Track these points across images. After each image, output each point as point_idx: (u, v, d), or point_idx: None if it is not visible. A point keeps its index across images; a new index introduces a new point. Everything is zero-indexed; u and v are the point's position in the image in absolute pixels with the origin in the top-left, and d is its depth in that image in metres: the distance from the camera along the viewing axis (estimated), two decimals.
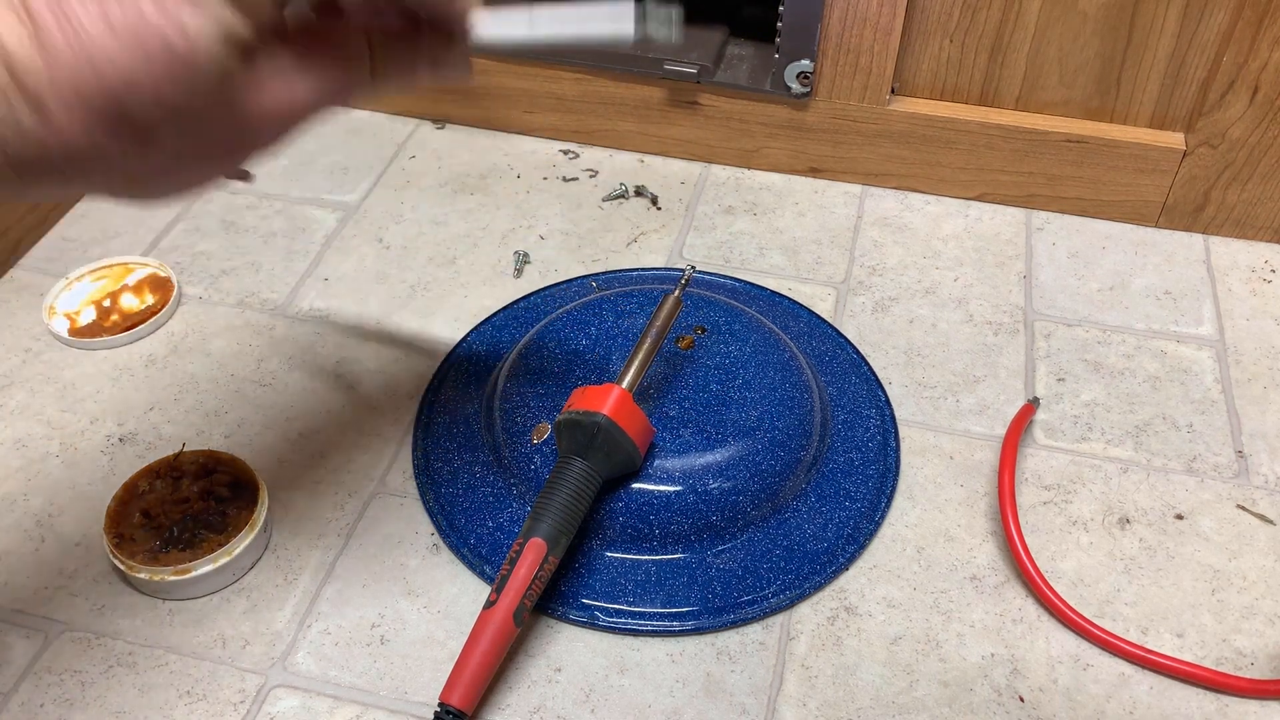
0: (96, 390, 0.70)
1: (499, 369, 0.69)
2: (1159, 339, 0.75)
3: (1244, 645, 0.58)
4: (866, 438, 0.67)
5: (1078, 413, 0.70)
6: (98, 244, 0.81)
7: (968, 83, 0.81)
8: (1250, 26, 0.73)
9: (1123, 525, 0.63)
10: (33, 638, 0.57)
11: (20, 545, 0.62)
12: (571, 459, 0.57)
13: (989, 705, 0.55)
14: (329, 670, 0.56)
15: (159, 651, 0.57)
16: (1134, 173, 0.81)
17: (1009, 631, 0.58)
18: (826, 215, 0.84)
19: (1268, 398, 0.71)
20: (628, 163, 0.89)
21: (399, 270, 0.79)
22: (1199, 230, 0.83)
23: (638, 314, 0.69)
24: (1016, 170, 0.83)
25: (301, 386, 0.71)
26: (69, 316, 0.74)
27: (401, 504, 0.64)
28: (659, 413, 0.63)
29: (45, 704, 0.55)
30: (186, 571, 0.58)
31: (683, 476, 0.61)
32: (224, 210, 0.84)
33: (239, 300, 0.77)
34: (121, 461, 0.66)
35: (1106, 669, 0.57)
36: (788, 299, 0.77)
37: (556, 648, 0.57)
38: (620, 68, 0.85)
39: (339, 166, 0.88)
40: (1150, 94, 0.79)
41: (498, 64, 0.88)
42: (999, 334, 0.75)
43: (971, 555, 0.62)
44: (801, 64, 0.81)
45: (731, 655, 0.57)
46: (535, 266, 0.80)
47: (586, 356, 0.67)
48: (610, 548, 0.61)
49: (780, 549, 0.61)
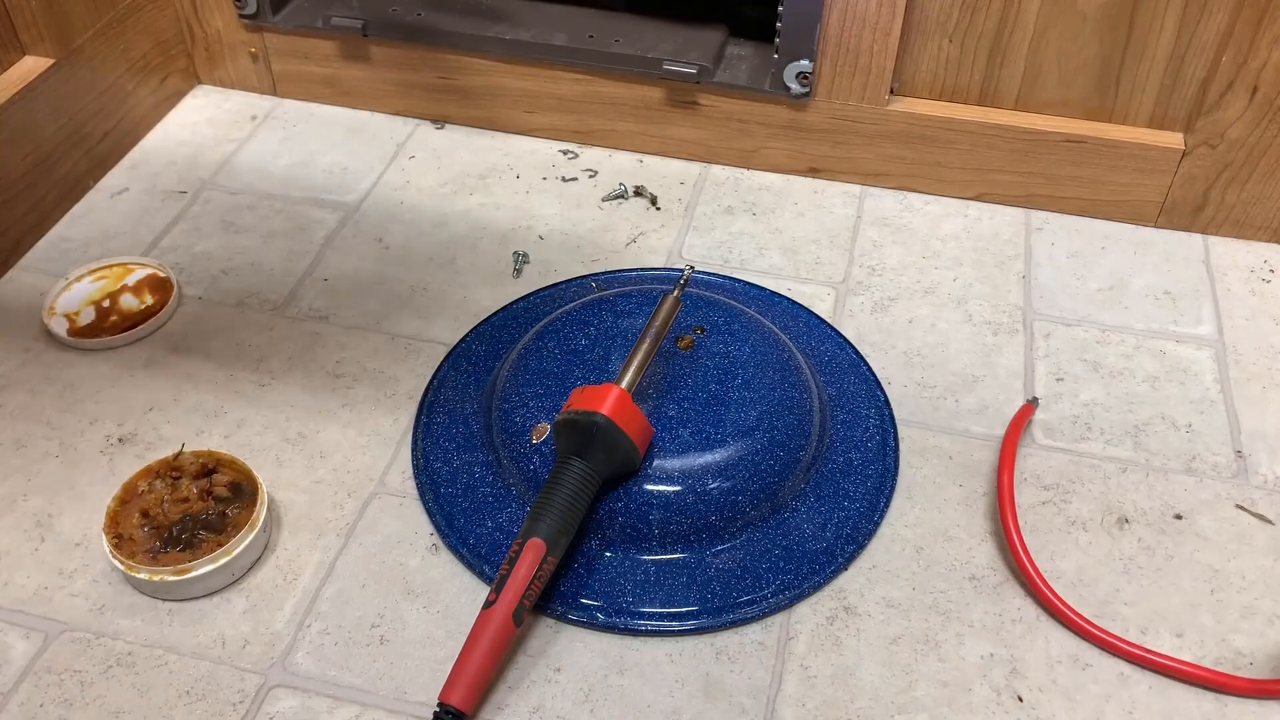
0: (96, 390, 0.70)
1: (499, 369, 0.69)
2: (1158, 339, 0.75)
3: (1243, 645, 0.58)
4: (866, 438, 0.67)
5: (1077, 413, 0.70)
6: (97, 244, 0.81)
7: (967, 83, 0.81)
8: (1249, 26, 0.73)
9: (1122, 525, 0.63)
10: (33, 638, 0.57)
11: (20, 545, 0.62)
12: (570, 459, 0.57)
13: (988, 705, 0.55)
14: (329, 670, 0.56)
15: (159, 651, 0.57)
16: (1133, 173, 0.81)
17: (1008, 631, 0.58)
18: (826, 215, 0.84)
19: (1267, 398, 0.71)
20: (627, 163, 0.89)
21: (399, 270, 0.79)
22: (1198, 230, 0.83)
23: (637, 314, 0.69)
24: (1016, 170, 0.83)
25: (301, 386, 0.71)
26: (69, 317, 0.74)
27: (401, 504, 0.64)
28: (658, 413, 0.63)
29: (45, 704, 0.55)
30: (186, 571, 0.58)
31: (682, 476, 0.61)
32: (224, 210, 0.84)
33: (239, 300, 0.77)
34: (121, 461, 0.66)
35: (1106, 669, 0.57)
36: (787, 299, 0.77)
37: (556, 648, 0.57)
38: (620, 68, 0.85)
39: (339, 166, 0.89)
40: (1149, 94, 0.79)
41: (498, 64, 0.88)
42: (998, 334, 0.75)
43: (971, 555, 0.62)
44: (801, 64, 0.81)
45: (731, 655, 0.57)
46: (535, 266, 0.80)
47: (586, 356, 0.67)
48: (610, 548, 0.61)
49: (779, 549, 0.61)
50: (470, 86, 0.90)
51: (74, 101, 0.83)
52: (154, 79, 0.91)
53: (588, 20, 0.88)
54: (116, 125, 0.88)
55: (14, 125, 0.78)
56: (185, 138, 0.91)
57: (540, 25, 0.88)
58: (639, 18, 0.89)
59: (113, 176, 0.87)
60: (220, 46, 0.94)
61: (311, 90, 0.94)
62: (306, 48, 0.92)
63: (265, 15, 0.90)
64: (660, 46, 0.85)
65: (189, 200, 0.85)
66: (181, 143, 0.91)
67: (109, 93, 0.86)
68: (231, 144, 0.91)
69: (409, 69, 0.90)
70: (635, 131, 0.89)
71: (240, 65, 0.94)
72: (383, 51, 0.90)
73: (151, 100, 0.92)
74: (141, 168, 0.88)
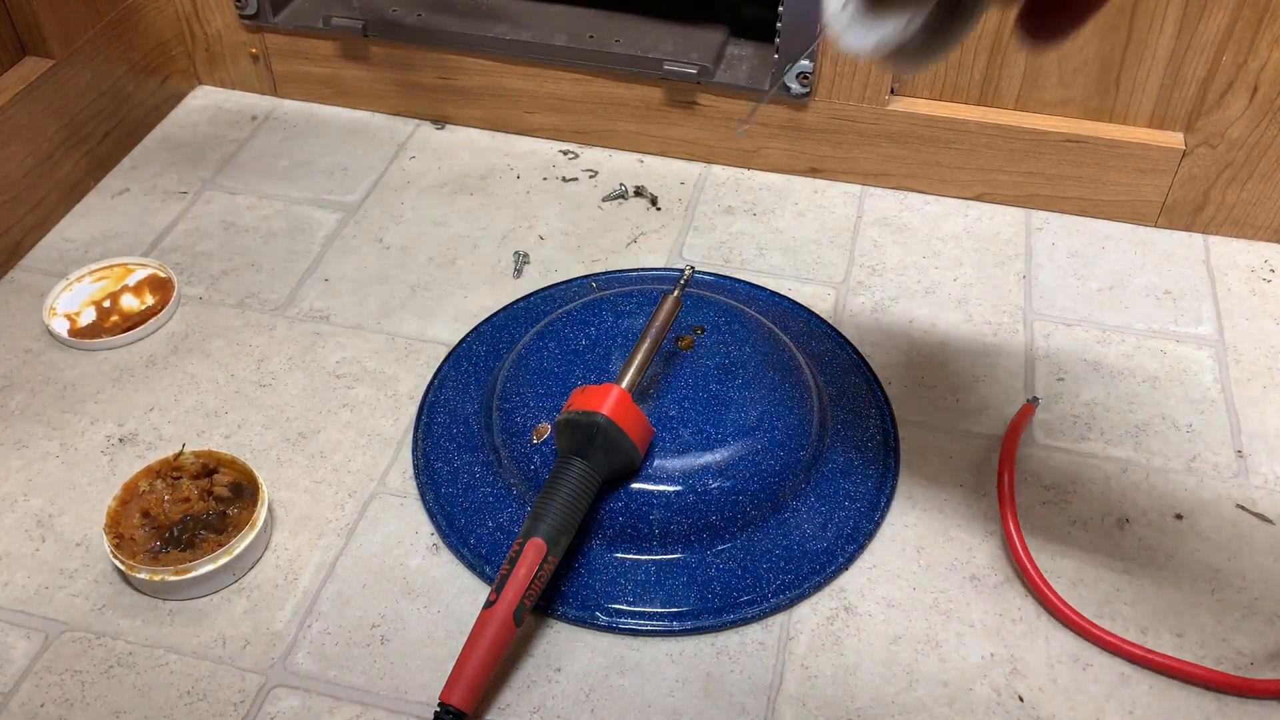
0: (97, 390, 0.70)
1: (499, 369, 0.69)
2: (1158, 339, 0.75)
3: (1243, 645, 0.58)
4: (866, 438, 0.67)
5: (1077, 412, 0.70)
6: (98, 245, 0.81)
7: (967, 82, 0.81)
8: (1250, 26, 0.73)
9: (1122, 525, 0.63)
10: (33, 638, 0.57)
11: (20, 545, 0.62)
12: (571, 459, 0.57)
13: (989, 705, 0.55)
14: (329, 670, 0.56)
15: (159, 651, 0.57)
16: (1134, 172, 0.81)
17: (1008, 631, 0.58)
18: (826, 215, 0.84)
19: (1267, 398, 0.71)
20: (627, 163, 0.89)
21: (399, 270, 0.79)
22: (1198, 230, 0.83)
23: (637, 314, 0.69)
24: (1016, 170, 0.83)
25: (301, 386, 0.71)
26: (69, 317, 0.74)
27: (401, 504, 0.64)
28: (659, 413, 0.63)
29: (45, 704, 0.55)
30: (186, 571, 0.58)
31: (682, 476, 0.61)
32: (224, 210, 0.84)
33: (239, 300, 0.77)
34: (121, 461, 0.66)
35: (1106, 669, 0.57)
36: (787, 299, 0.77)
37: (556, 648, 0.57)
38: (620, 68, 0.85)
39: (339, 167, 0.89)
40: (1150, 94, 0.79)
41: (498, 64, 0.88)
42: (999, 334, 0.75)
43: (971, 555, 0.62)
44: (801, 64, 0.81)
45: (731, 655, 0.57)
46: (535, 266, 0.80)
47: (586, 356, 0.67)
48: (610, 548, 0.61)
49: (780, 549, 0.61)
50: (470, 86, 0.90)
51: (75, 102, 0.83)
52: (154, 79, 0.91)
53: (588, 20, 0.89)
54: (117, 126, 0.88)
55: (15, 125, 0.78)
56: (186, 138, 0.91)
57: (540, 25, 0.88)
58: (639, 18, 0.89)
59: (113, 177, 0.87)
60: (221, 47, 0.94)
61: (312, 90, 0.94)
62: (307, 48, 0.92)
63: (266, 16, 0.90)
64: (660, 46, 0.85)
65: (190, 200, 0.85)
66: (182, 143, 0.91)
67: (110, 93, 0.86)
68: (232, 144, 0.91)
69: (409, 69, 0.90)
70: (635, 131, 0.89)
71: (241, 66, 0.95)
72: (383, 52, 0.90)
73: (152, 101, 0.92)
74: (142, 168, 0.88)
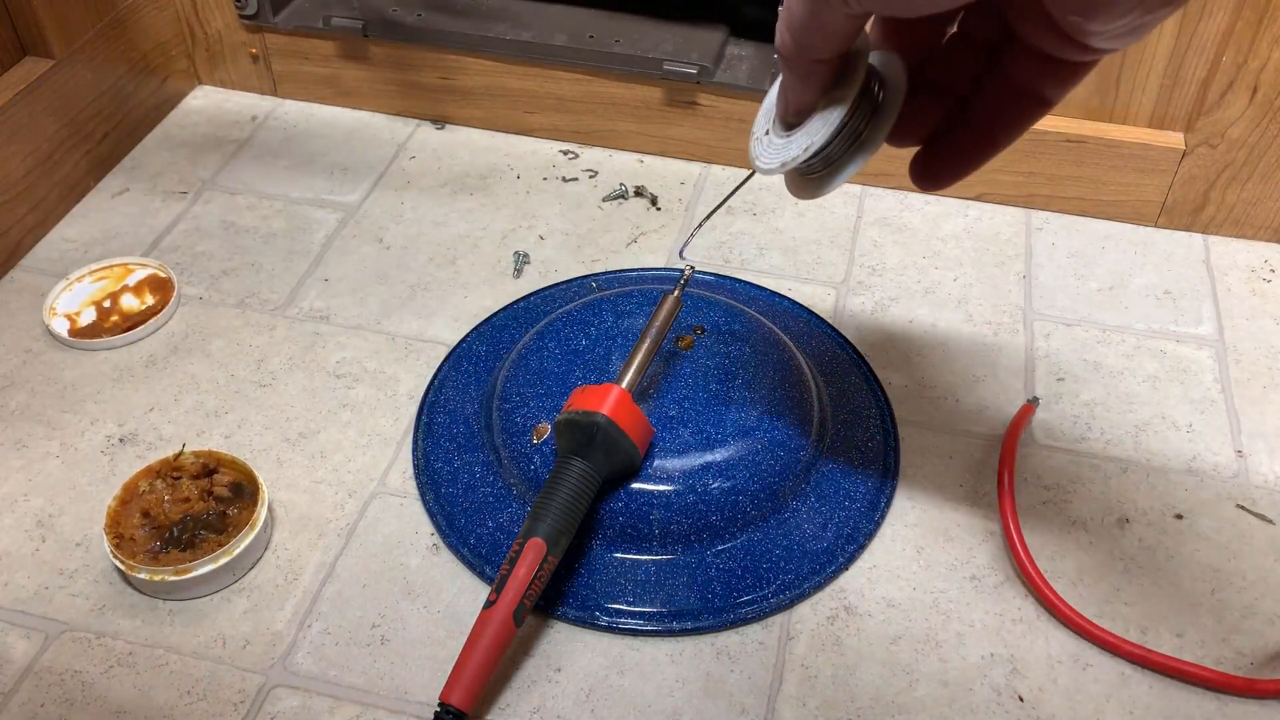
0: (96, 390, 0.70)
1: (499, 369, 0.69)
2: (1158, 339, 0.75)
3: (1244, 645, 0.58)
4: (866, 438, 0.67)
5: (1077, 412, 0.70)
6: (98, 244, 0.81)
7: None
8: (1250, 26, 0.73)
9: (1122, 525, 0.63)
10: (33, 638, 0.57)
11: (20, 545, 0.62)
12: (571, 459, 0.57)
13: (989, 705, 0.55)
14: (329, 670, 0.56)
15: (159, 651, 0.57)
16: (1134, 172, 0.81)
17: (1009, 631, 0.58)
18: (826, 215, 0.84)
19: (1267, 397, 0.71)
20: (627, 163, 0.89)
21: (399, 270, 0.79)
22: (1198, 230, 0.83)
23: (637, 314, 0.69)
24: (1016, 170, 0.83)
25: (301, 386, 0.71)
26: (69, 317, 0.74)
27: (401, 504, 0.64)
28: (659, 413, 0.63)
29: (45, 704, 0.55)
30: (186, 571, 0.58)
31: (682, 476, 0.61)
32: (224, 210, 0.84)
33: (239, 300, 0.77)
34: (121, 461, 0.66)
35: (1106, 669, 0.57)
36: (787, 299, 0.77)
37: (556, 648, 0.57)
38: (620, 68, 0.85)
39: (339, 166, 0.89)
40: (1150, 94, 0.79)
41: (498, 64, 0.88)
42: (999, 334, 0.75)
43: (971, 555, 0.62)
44: None
45: (731, 655, 0.57)
46: (535, 267, 0.80)
47: (586, 356, 0.67)
48: (610, 548, 0.61)
49: (780, 549, 0.61)
50: (470, 86, 0.90)
51: (75, 102, 0.83)
52: (154, 79, 0.91)
53: (588, 20, 0.88)
54: (117, 126, 0.88)
55: (15, 125, 0.78)
56: (186, 138, 0.91)
57: (540, 25, 0.88)
58: (639, 18, 0.89)
59: (113, 177, 0.87)
60: (221, 47, 0.94)
61: (312, 90, 0.94)
62: (307, 48, 0.92)
63: (265, 16, 0.90)
64: (660, 46, 0.85)
65: (189, 200, 0.85)
66: (182, 143, 0.91)
67: (109, 93, 0.86)
68: (232, 144, 0.91)
69: (409, 69, 0.90)
70: (635, 131, 0.89)
71: (241, 66, 0.95)
72: (383, 52, 0.90)
73: (152, 101, 0.92)
74: (142, 168, 0.88)
